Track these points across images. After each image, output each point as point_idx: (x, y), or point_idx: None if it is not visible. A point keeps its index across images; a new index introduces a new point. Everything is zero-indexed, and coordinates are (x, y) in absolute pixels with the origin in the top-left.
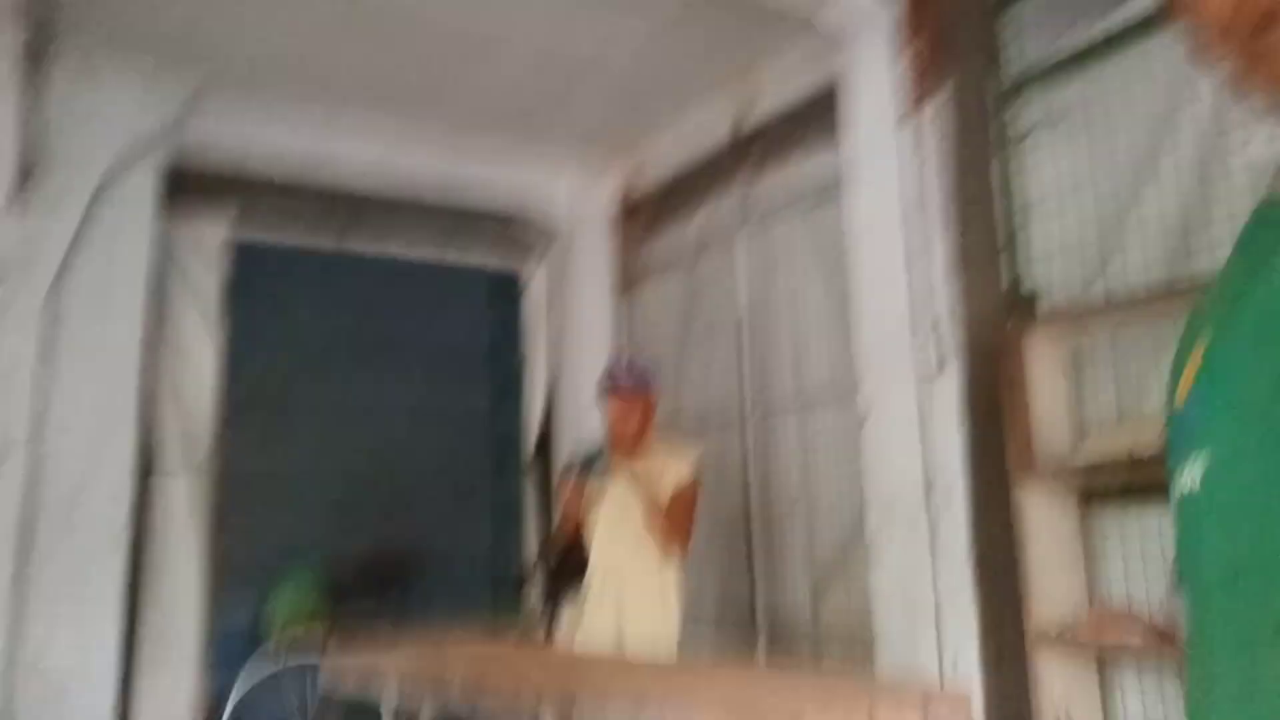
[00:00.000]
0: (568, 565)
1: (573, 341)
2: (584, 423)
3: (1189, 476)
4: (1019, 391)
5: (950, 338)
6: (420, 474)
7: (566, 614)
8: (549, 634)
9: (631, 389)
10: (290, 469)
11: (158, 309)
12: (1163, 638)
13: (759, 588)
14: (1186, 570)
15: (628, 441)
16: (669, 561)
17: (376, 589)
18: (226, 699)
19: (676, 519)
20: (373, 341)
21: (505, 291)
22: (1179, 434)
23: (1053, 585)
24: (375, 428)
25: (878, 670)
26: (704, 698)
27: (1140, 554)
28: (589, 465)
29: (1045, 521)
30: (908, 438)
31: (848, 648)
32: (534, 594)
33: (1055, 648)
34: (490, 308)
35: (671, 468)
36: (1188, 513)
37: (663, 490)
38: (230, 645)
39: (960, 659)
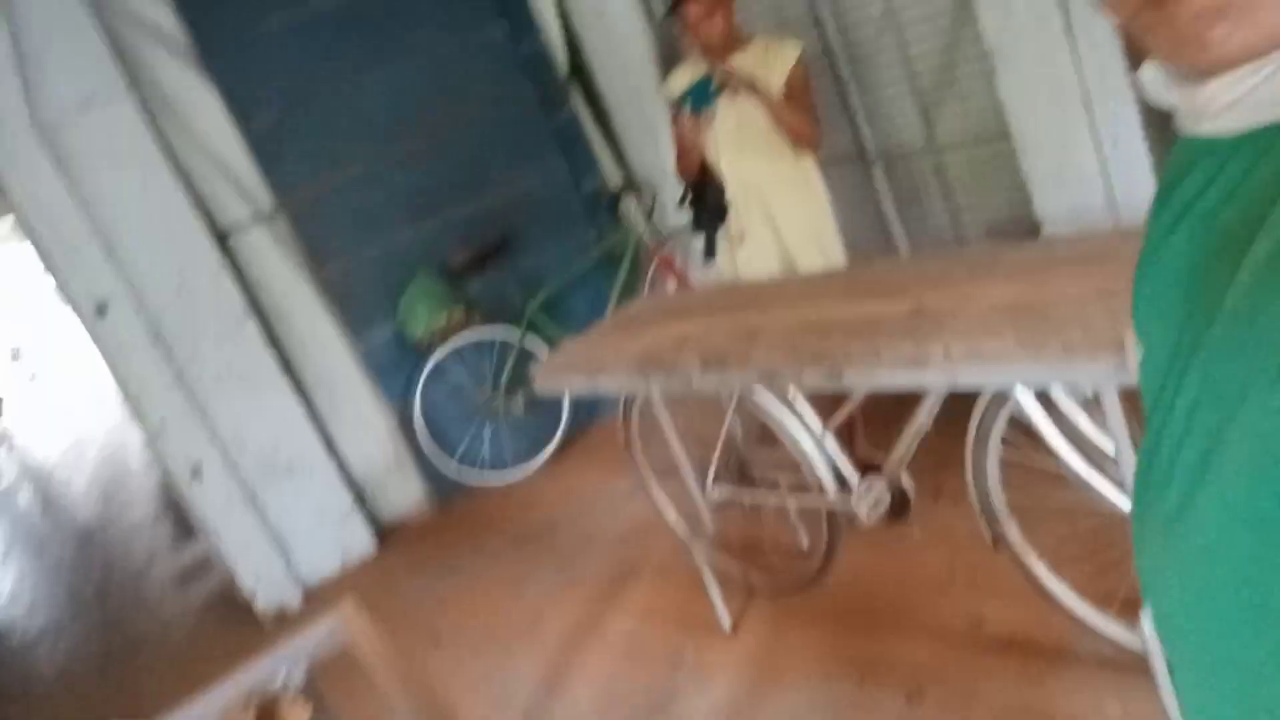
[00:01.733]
0: (706, 199)
1: None
2: (610, 27)
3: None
4: None
5: None
6: (474, 133)
7: (722, 246)
8: (710, 265)
9: None
10: (352, 182)
11: (140, 85)
12: None
13: (863, 127)
14: None
15: (718, 45)
16: (805, 156)
17: (492, 257)
18: (411, 403)
19: (802, 107)
20: (365, 23)
21: None
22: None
23: None
24: (410, 108)
25: (1031, 176)
26: (984, 326)
27: None
28: (699, 93)
29: None
30: None
31: (975, 159)
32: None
33: None
34: None
35: (775, 58)
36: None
37: (774, 84)
38: (387, 361)
39: (1120, 137)
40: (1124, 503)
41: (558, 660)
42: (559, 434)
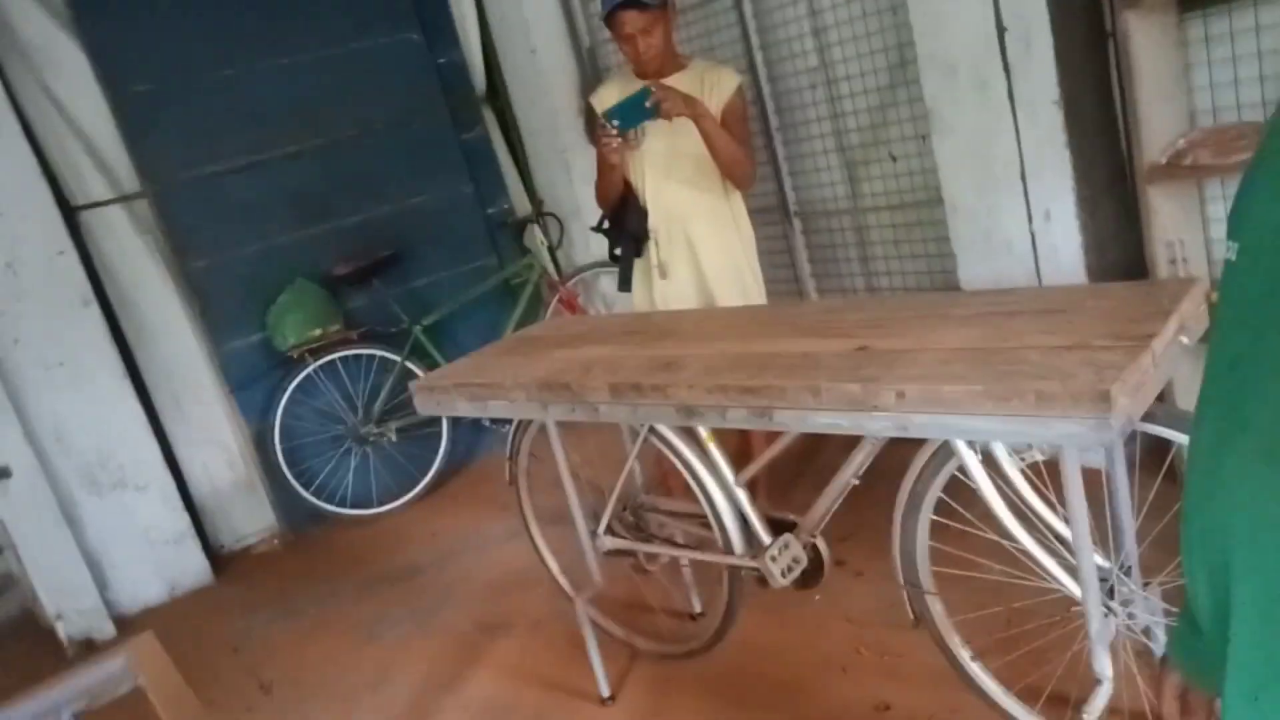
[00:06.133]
0: (625, 225)
1: None
2: (533, 48)
3: (1230, 252)
4: None
5: None
6: (375, 138)
7: (638, 277)
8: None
9: None
10: (232, 172)
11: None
12: None
13: (786, 180)
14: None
15: (654, 62)
16: (734, 192)
17: (380, 272)
18: (271, 420)
19: (738, 139)
20: (269, 3)
21: None
22: (1232, 212)
23: (1157, 113)
24: (307, 103)
25: (958, 241)
26: (942, 369)
27: (1237, 59)
28: (632, 110)
29: (1148, 44)
30: None
31: (899, 221)
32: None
33: (1166, 177)
34: None
35: (713, 85)
36: (1226, 279)
37: (712, 111)
38: (248, 370)
39: (1054, 209)
40: (1068, 584)
41: None
42: (434, 469)
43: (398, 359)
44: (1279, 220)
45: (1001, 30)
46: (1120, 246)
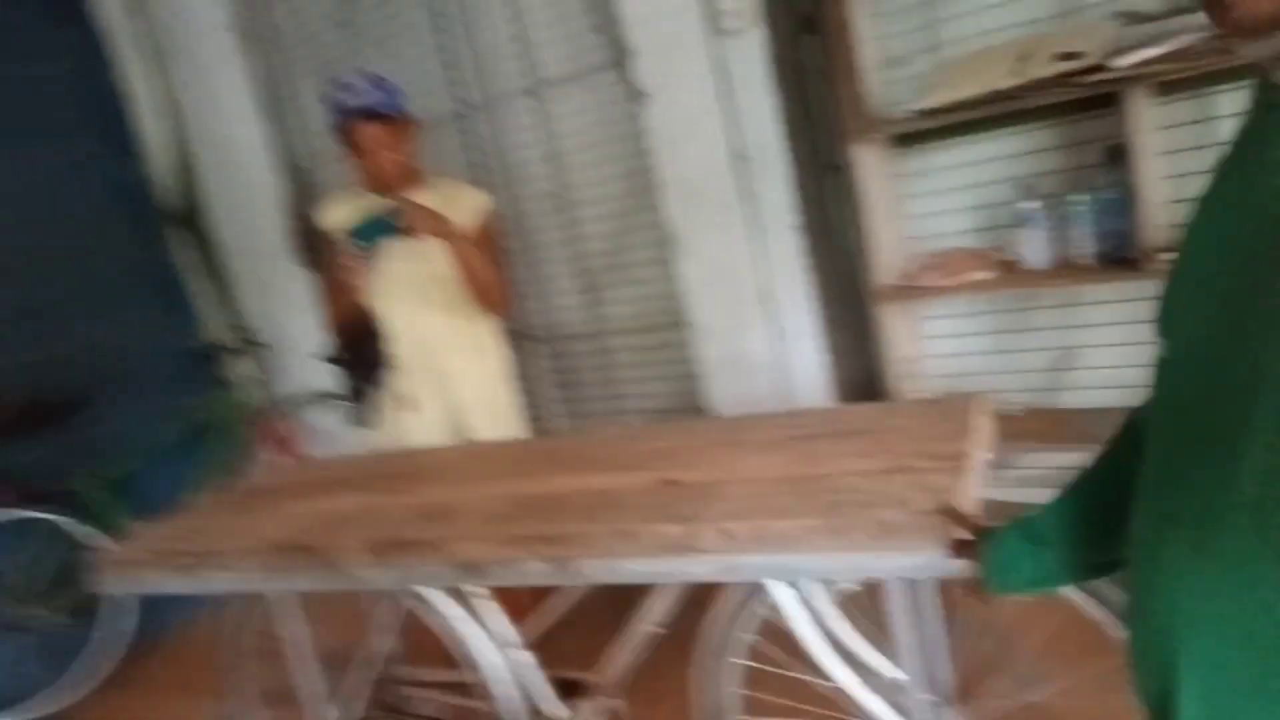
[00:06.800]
0: (364, 353)
1: (184, 58)
2: (234, 163)
3: (1161, 349)
4: (843, 39)
5: None
6: (36, 264)
7: (381, 406)
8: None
9: (389, 109)
10: None
11: None
12: (1007, 265)
13: (527, 303)
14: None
15: (394, 181)
16: (488, 317)
17: (45, 420)
18: None
19: (490, 261)
20: None
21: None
22: (1158, 313)
23: (884, 239)
24: None
25: (705, 362)
26: (765, 502)
27: (946, 191)
28: (376, 227)
29: (872, 176)
30: (707, 112)
31: (644, 344)
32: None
33: (896, 298)
34: (54, 30)
35: (461, 202)
36: (1160, 374)
37: (461, 229)
38: None
39: (793, 329)
40: None
41: None
42: (117, 650)
43: (68, 521)
44: (1207, 318)
45: (740, 158)
46: (858, 363)
